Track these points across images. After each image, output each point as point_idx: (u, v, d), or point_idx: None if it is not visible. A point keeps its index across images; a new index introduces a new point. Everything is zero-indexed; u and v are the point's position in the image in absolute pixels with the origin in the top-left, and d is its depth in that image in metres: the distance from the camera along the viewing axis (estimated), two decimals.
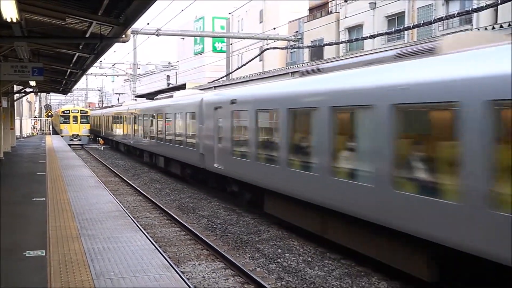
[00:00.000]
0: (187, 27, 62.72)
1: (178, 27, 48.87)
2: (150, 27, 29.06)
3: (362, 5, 31.43)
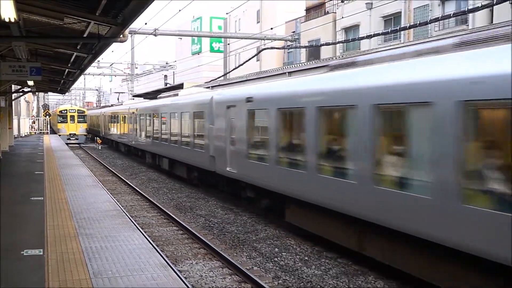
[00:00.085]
0: (185, 27, 62.85)
1: (175, 27, 49.03)
2: (148, 27, 29.15)
3: (359, 5, 31.55)
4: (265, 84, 14.19)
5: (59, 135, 44.00)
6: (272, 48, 30.37)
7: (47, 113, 51.61)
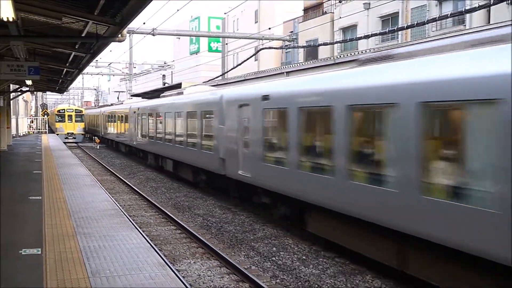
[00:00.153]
0: (183, 27, 62.89)
1: (174, 26, 49.01)
2: (146, 26, 29.14)
3: (357, 5, 31.64)
4: (284, 80, 13.33)
5: (57, 134, 44.19)
6: (270, 48, 30.38)
7: (45, 113, 51.75)
